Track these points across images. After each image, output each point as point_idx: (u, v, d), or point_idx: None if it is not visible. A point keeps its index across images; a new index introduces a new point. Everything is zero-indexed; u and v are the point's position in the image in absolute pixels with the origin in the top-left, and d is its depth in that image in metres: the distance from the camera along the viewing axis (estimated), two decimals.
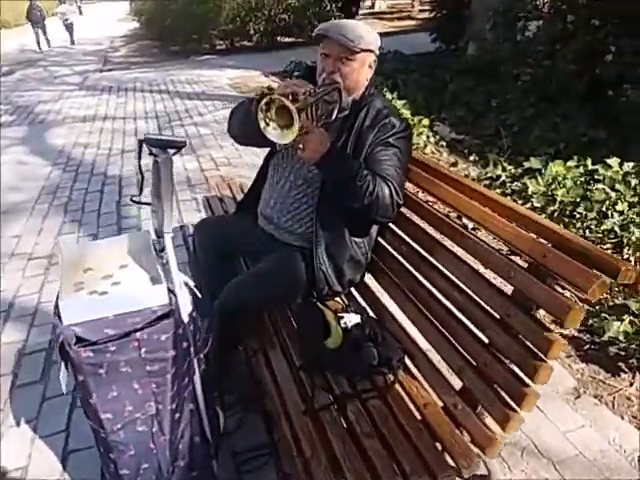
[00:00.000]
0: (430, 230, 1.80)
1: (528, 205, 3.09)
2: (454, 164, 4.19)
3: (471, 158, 4.21)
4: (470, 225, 2.30)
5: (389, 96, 5.32)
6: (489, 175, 3.48)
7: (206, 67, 11.31)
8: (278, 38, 13.96)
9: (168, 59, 13.05)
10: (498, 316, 1.40)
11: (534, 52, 4.81)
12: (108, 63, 13.26)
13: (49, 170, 5.09)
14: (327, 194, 1.73)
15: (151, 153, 1.36)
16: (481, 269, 1.55)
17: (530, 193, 3.14)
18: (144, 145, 1.38)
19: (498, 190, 3.35)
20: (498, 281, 1.46)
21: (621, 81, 4.04)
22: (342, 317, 1.76)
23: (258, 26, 13.31)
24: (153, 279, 1.40)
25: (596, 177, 3.17)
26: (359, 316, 1.77)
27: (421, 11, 18.72)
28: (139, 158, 1.47)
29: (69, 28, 17.74)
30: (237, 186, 3.07)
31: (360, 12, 16.99)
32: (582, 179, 3.16)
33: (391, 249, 1.93)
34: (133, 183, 4.59)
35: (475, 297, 1.49)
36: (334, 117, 1.74)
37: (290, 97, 1.48)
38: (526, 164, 3.44)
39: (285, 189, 1.88)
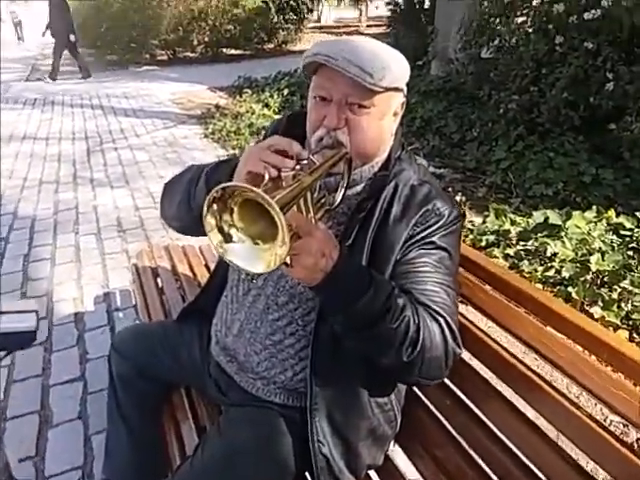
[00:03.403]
0: (485, 374, 1.17)
1: (551, 272, 2.51)
2: None
3: (457, 198, 3.63)
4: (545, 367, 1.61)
5: None
6: (492, 229, 2.89)
7: (146, 79, 10.37)
8: (223, 50, 13.16)
9: (104, 69, 11.98)
10: None
11: (516, 76, 4.29)
12: (36, 72, 12.01)
13: None
14: (330, 326, 1.02)
15: None
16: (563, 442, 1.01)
17: (550, 256, 2.56)
18: None
19: (509, 251, 2.75)
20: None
21: (621, 113, 3.58)
22: None
23: (202, 36, 12.46)
24: None
25: (622, 232, 2.65)
26: None
27: (369, 26, 18.45)
28: None
29: (18, 25, 19.65)
30: (180, 253, 2.31)
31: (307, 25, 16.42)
32: (610, 236, 2.62)
33: (428, 402, 1.25)
34: (48, 227, 3.72)
35: None
36: (339, 201, 1.04)
37: (266, 180, 0.83)
38: (535, 214, 2.87)
39: (258, 308, 1.17)
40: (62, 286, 2.96)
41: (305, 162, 0.87)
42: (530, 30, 4.54)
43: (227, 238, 0.74)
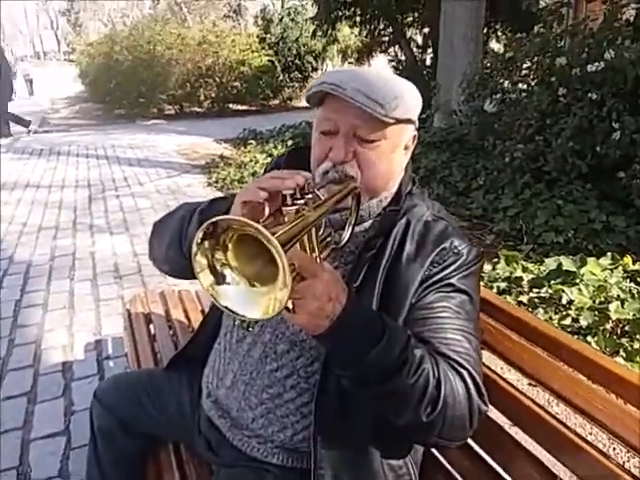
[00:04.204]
0: (512, 431, 1.03)
1: (568, 321, 2.36)
2: None
3: None
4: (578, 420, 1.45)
5: None
6: (504, 275, 2.77)
7: (153, 132, 10.54)
8: (230, 105, 13.49)
9: (112, 122, 12.23)
10: None
11: (520, 126, 4.29)
12: (45, 124, 12.27)
13: None
14: (337, 378, 0.88)
15: None
16: None
17: (565, 304, 2.43)
18: None
19: (522, 298, 2.62)
20: None
21: (629, 161, 3.53)
22: None
23: (209, 92, 12.81)
24: None
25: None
26: None
27: None
28: None
29: (29, 82, 20.63)
30: (175, 298, 2.18)
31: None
32: (628, 284, 2.49)
33: (446, 463, 1.10)
34: (43, 273, 3.61)
35: None
36: (347, 239, 0.93)
37: (266, 215, 0.77)
38: (548, 261, 2.76)
39: (253, 357, 1.04)
40: (52, 333, 2.82)
41: (310, 196, 0.77)
42: (533, 83, 4.58)
43: (220, 279, 0.64)
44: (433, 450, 1.17)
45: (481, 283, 2.90)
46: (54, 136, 10.28)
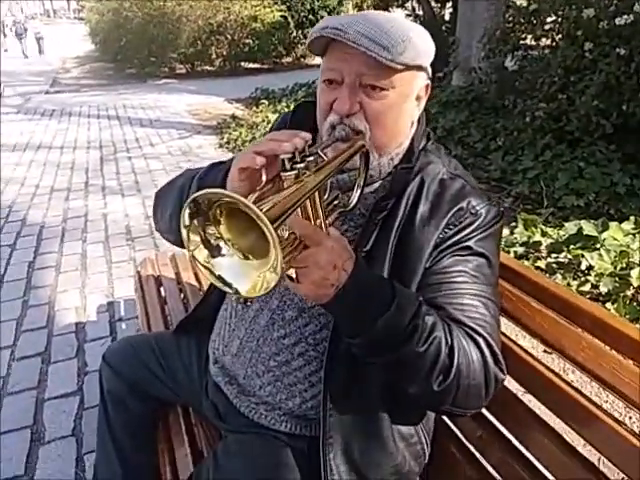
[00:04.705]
0: (529, 402, 0.99)
1: (587, 287, 2.29)
2: None
3: None
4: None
5: None
6: (521, 240, 2.69)
7: (164, 92, 10.38)
8: (241, 63, 13.18)
9: (123, 82, 12.05)
10: None
11: (543, 84, 4.10)
12: (56, 85, 12.15)
13: None
14: (347, 346, 0.83)
15: None
16: None
17: (585, 269, 2.36)
18: None
19: (539, 264, 2.55)
20: None
21: None
22: None
23: (220, 50, 12.51)
24: None
25: None
26: None
27: None
28: None
29: (39, 40, 20.74)
30: (185, 261, 2.15)
31: None
32: None
33: (460, 433, 1.06)
34: (56, 234, 3.61)
35: None
36: (355, 202, 0.87)
37: (263, 183, 0.74)
38: (568, 225, 2.67)
39: (259, 324, 1.00)
40: (65, 294, 2.83)
41: (311, 158, 0.71)
42: (557, 38, 4.36)
43: (214, 252, 0.60)
44: (445, 419, 1.14)
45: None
46: (65, 96, 10.19)
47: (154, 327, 1.72)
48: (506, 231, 3.06)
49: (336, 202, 0.84)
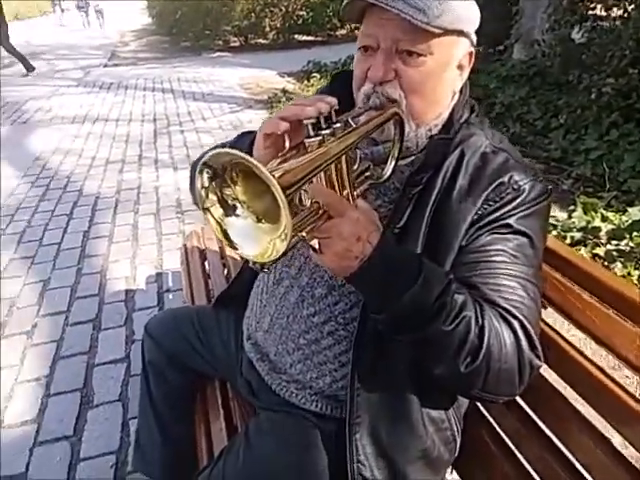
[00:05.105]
0: (570, 395, 0.93)
1: None
2: None
3: None
4: None
5: None
6: (579, 225, 2.55)
7: (218, 65, 10.43)
8: (295, 36, 13.04)
9: (178, 55, 12.20)
10: None
11: (612, 58, 3.82)
12: (114, 58, 12.44)
13: (16, 184, 4.23)
14: (376, 326, 0.81)
15: None
16: None
17: None
18: None
19: (598, 251, 2.40)
20: None
21: None
22: None
23: (274, 23, 12.39)
24: None
25: None
26: None
27: None
28: None
29: (99, 13, 21.09)
30: None
31: None
32: None
33: (494, 422, 1.02)
34: (110, 206, 3.73)
35: None
36: (389, 174, 0.83)
37: (287, 149, 0.72)
38: (631, 211, 2.50)
39: (289, 300, 0.99)
40: (117, 264, 2.92)
41: (338, 125, 0.68)
42: (630, 7, 4.03)
43: (229, 212, 0.60)
44: (479, 405, 1.09)
45: (554, 233, 2.68)
46: (123, 69, 10.42)
47: (197, 300, 1.75)
48: (564, 215, 2.91)
49: (367, 173, 0.80)
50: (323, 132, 0.66)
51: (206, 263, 2.00)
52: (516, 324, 0.76)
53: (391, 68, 0.83)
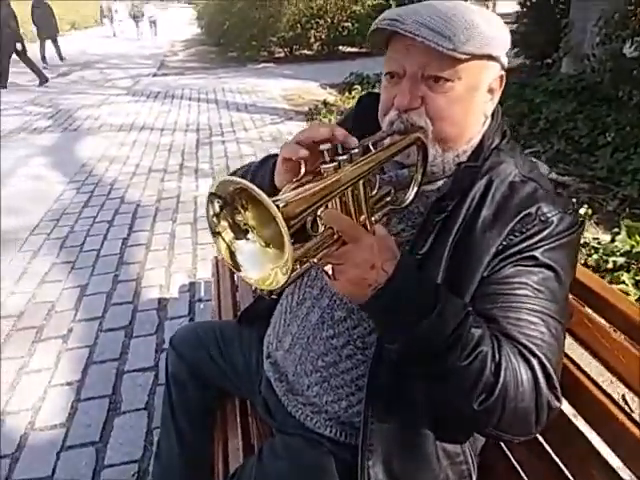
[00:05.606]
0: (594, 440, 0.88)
1: None
2: None
3: (581, 211, 3.15)
4: None
5: None
6: (623, 249, 2.43)
7: (262, 76, 10.61)
8: (340, 47, 13.12)
9: (224, 66, 12.48)
10: None
11: None
12: (163, 67, 12.84)
13: (62, 189, 4.40)
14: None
15: None
16: None
17: None
18: None
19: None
20: None
21: None
22: None
23: (319, 34, 12.51)
24: None
25: None
26: None
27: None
28: None
29: (153, 23, 21.90)
30: None
31: None
32: None
33: (513, 459, 0.98)
34: (150, 214, 3.82)
35: None
36: (411, 199, 0.82)
37: (301, 174, 0.71)
38: None
39: (311, 322, 0.98)
40: (152, 272, 2.99)
41: (356, 151, 0.68)
42: None
43: (240, 235, 0.61)
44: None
45: (595, 256, 2.56)
46: (170, 79, 10.74)
47: (224, 313, 1.77)
48: (607, 237, 2.79)
49: (388, 198, 0.79)
50: (340, 158, 0.66)
51: (235, 276, 2.02)
52: (535, 362, 0.73)
53: (417, 95, 0.82)
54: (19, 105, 8.29)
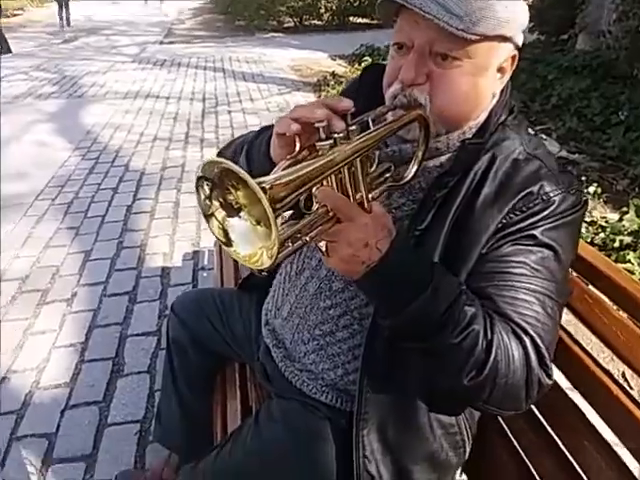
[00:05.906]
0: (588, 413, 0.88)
1: None
2: None
3: (590, 189, 3.11)
4: None
5: None
6: (631, 228, 2.40)
7: (270, 45, 10.45)
8: (350, 18, 12.86)
9: (232, 35, 12.29)
10: None
11: None
12: (170, 35, 12.66)
13: (67, 156, 4.38)
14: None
15: None
16: None
17: None
18: None
19: None
20: None
21: None
22: None
23: (330, 4, 12.26)
24: None
25: None
26: None
27: None
28: None
29: None
30: None
31: None
32: None
33: (507, 429, 0.98)
34: (154, 182, 3.81)
35: None
36: (411, 176, 0.80)
37: (296, 151, 0.68)
38: None
39: (309, 291, 0.98)
40: (156, 239, 2.99)
41: (354, 127, 0.66)
42: None
43: (232, 213, 0.59)
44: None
45: (602, 235, 2.54)
46: (177, 47, 10.60)
47: (226, 281, 1.77)
48: (615, 216, 2.76)
49: (387, 175, 0.77)
50: (336, 135, 0.64)
51: None
52: (527, 341, 0.72)
53: (423, 72, 0.78)
54: (25, 70, 8.21)
